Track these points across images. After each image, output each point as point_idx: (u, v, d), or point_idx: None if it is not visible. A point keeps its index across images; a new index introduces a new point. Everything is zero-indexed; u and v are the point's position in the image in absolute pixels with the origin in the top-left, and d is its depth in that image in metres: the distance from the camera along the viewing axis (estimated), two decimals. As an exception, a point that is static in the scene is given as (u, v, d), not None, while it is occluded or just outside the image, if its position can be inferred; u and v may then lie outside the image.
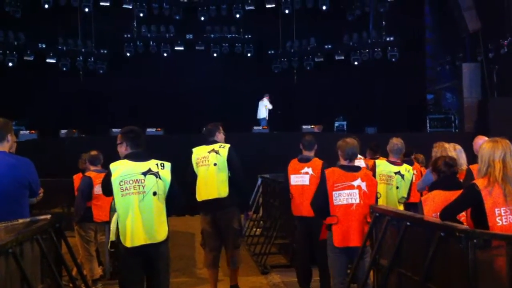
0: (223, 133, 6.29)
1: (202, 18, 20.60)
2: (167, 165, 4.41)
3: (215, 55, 20.93)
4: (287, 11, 20.46)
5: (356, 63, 20.18)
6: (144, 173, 4.28)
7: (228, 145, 6.06)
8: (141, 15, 20.28)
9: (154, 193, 4.27)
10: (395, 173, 6.11)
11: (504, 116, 13.20)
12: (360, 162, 6.43)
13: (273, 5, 20.27)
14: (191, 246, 9.68)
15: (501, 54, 15.76)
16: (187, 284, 7.21)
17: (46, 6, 18.28)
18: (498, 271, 3.30)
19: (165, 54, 20.49)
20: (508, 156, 3.70)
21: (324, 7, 19.71)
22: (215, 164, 5.93)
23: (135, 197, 4.23)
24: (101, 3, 19.11)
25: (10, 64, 18.46)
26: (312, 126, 16.09)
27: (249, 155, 9.14)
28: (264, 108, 17.67)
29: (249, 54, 21.12)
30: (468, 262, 3.31)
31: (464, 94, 16.28)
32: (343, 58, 20.33)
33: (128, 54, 20.31)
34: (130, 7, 19.76)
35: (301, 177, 6.10)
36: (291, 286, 6.77)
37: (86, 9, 19.21)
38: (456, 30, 17.43)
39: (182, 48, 20.64)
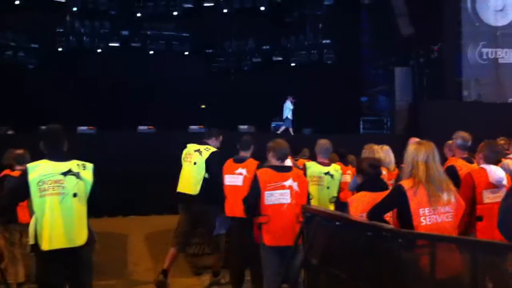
0: (220, 142, 6.75)
1: (139, 14, 20.22)
2: (89, 166, 4.28)
3: (151, 52, 20.58)
4: (225, 11, 20.42)
5: (293, 64, 20.39)
6: (64, 174, 4.13)
7: (213, 149, 6.51)
8: (75, 9, 19.65)
9: (75, 195, 4.13)
10: (325, 173, 6.19)
11: (433, 119, 13.67)
12: (287, 161, 6.49)
13: (212, 4, 20.18)
14: (123, 248, 9.43)
15: (431, 59, 16.37)
16: (116, 287, 7.03)
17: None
18: (423, 269, 3.40)
19: (99, 50, 19.94)
20: (431, 158, 3.84)
21: (262, 8, 19.81)
22: (195, 163, 6.43)
23: (55, 198, 4.07)
24: (33, -4, 18.43)
25: None
26: (250, 126, 16.08)
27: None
28: (287, 109, 16.94)
29: (186, 53, 20.91)
30: (394, 260, 3.39)
31: (396, 97, 16.79)
32: (280, 59, 20.51)
33: (60, 49, 19.62)
34: (63, 0, 19.12)
35: (235, 178, 6.09)
36: (224, 287, 6.72)
37: (17, 1, 18.44)
38: (390, 35, 17.96)
39: (117, 44, 20.16)
